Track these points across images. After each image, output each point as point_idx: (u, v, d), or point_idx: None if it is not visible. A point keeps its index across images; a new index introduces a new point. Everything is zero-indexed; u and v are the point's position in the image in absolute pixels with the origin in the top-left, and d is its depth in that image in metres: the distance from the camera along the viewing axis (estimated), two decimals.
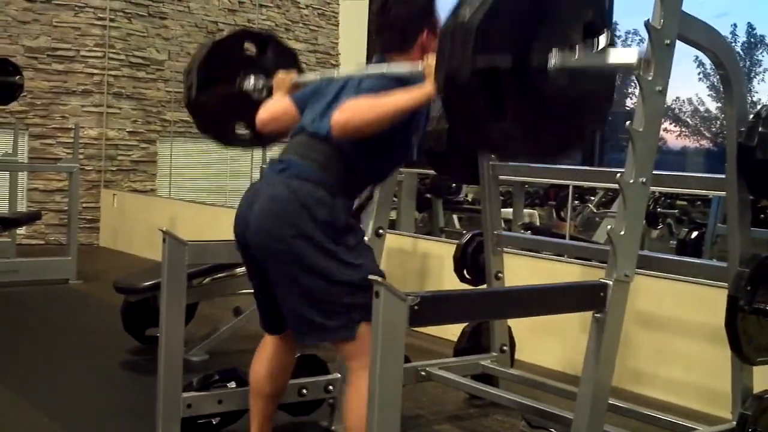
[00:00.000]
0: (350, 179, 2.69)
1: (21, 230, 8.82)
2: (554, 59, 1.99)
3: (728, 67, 2.91)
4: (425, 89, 2.47)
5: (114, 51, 9.32)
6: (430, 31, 2.78)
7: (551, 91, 2.03)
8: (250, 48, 3.56)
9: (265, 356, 2.96)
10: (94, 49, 9.23)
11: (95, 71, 9.25)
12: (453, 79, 1.97)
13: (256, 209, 2.67)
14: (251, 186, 2.79)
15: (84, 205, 8.98)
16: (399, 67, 2.68)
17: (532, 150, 2.18)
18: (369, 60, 2.90)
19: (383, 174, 2.94)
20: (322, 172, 2.63)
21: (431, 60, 2.35)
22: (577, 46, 2.07)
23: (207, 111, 3.51)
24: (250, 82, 3.45)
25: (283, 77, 3.12)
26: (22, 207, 8.95)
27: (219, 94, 3.48)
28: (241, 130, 3.58)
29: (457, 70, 1.96)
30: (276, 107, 3.01)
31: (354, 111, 2.53)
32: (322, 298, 2.60)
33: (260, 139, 3.46)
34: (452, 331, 4.29)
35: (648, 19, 2.59)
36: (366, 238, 2.96)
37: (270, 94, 3.22)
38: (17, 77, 6.96)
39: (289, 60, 3.58)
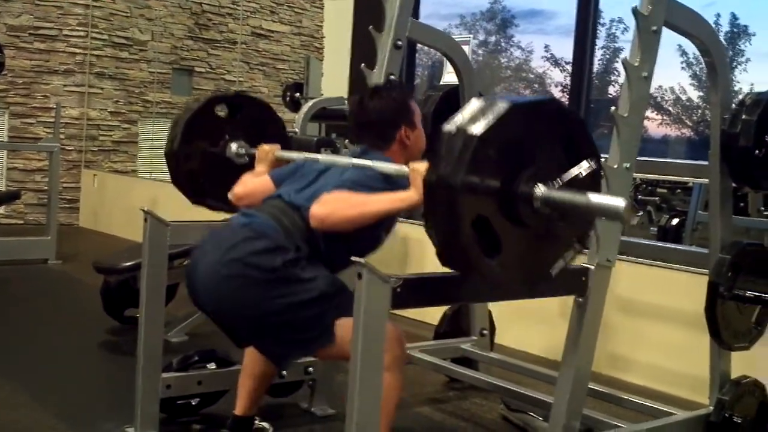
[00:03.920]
0: (311, 258, 2.62)
1: None
2: (540, 190, 1.98)
3: (714, 54, 2.92)
4: (410, 197, 2.41)
5: (97, 31, 9.24)
6: (408, 125, 2.82)
7: (534, 219, 2.03)
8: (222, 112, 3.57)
9: None
10: (77, 28, 9.14)
11: (77, 51, 9.17)
12: (443, 187, 1.96)
13: (204, 267, 2.62)
14: (213, 231, 2.76)
15: (64, 185, 8.91)
16: (384, 165, 2.63)
17: (520, 276, 2.18)
18: (353, 47, 2.89)
19: (346, 263, 2.92)
20: (286, 239, 2.59)
21: (418, 167, 2.34)
22: (560, 181, 2.05)
23: (185, 167, 3.49)
24: (233, 149, 3.45)
25: (266, 150, 3.13)
26: (1, 186, 8.89)
27: (200, 153, 3.47)
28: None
29: (449, 178, 1.95)
30: (253, 183, 3.00)
31: (335, 206, 2.50)
32: (292, 322, 2.57)
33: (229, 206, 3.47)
34: (433, 315, 4.29)
35: (636, 6, 2.60)
36: None
37: (252, 161, 3.24)
38: None
39: (274, 126, 3.60)
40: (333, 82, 8.93)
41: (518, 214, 2.02)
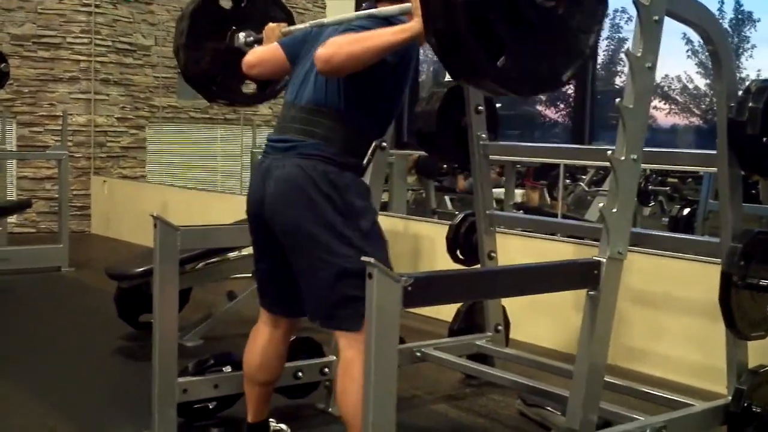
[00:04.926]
0: (354, 142, 2.68)
1: (12, 219, 8.79)
2: None
3: (717, 43, 2.90)
4: (413, 26, 2.41)
5: (100, 37, 9.26)
6: None
7: (540, 15, 1.99)
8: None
9: (259, 345, 2.96)
10: (80, 35, 9.16)
11: (82, 58, 9.19)
12: (441, 10, 1.93)
13: (270, 190, 2.67)
14: (260, 163, 2.77)
15: (74, 192, 8.93)
16: (386, 8, 2.64)
17: (528, 79, 2.13)
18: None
19: (383, 126, 2.88)
20: (328, 145, 2.63)
21: None
22: None
23: (196, 65, 3.46)
24: (240, 38, 3.43)
25: (272, 27, 3.12)
26: (11, 195, 8.92)
27: (209, 48, 3.45)
28: (248, 89, 3.59)
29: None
30: (263, 51, 3.02)
31: (338, 45, 2.50)
32: (336, 285, 2.60)
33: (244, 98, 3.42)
34: (447, 312, 4.29)
35: None
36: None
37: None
38: (3, 65, 6.87)
39: (280, 12, 3.57)
40: None
41: (520, 10, 1.96)
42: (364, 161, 2.73)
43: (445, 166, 9.76)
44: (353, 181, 2.66)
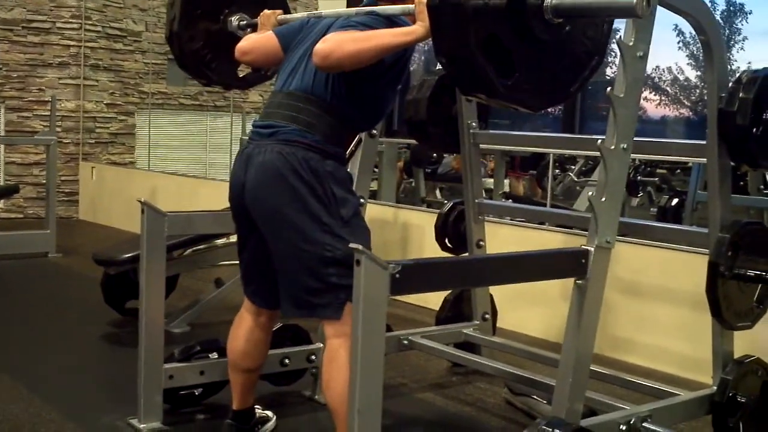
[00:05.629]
0: (338, 132, 2.67)
1: None
2: None
3: (709, 33, 2.90)
4: (415, 30, 2.42)
5: (90, 22, 9.21)
6: None
7: (547, 32, 1.99)
8: None
9: (242, 332, 2.96)
10: (71, 20, 9.11)
11: (72, 43, 9.14)
12: (448, 6, 1.92)
13: (250, 177, 2.66)
14: (242, 150, 2.76)
15: (62, 178, 8.90)
16: (389, 7, 2.63)
17: (539, 94, 2.14)
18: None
19: (370, 121, 2.91)
20: (311, 133, 2.62)
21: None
22: None
23: (189, 49, 3.42)
24: (233, 21, 3.40)
25: (268, 14, 3.10)
26: None
27: (202, 32, 3.42)
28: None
29: (453, 7, 1.91)
30: (257, 38, 3.00)
31: (338, 42, 2.47)
32: (314, 272, 2.59)
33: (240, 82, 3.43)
34: (434, 300, 4.29)
35: None
36: (361, 201, 2.95)
37: (255, 32, 3.19)
38: None
39: None
40: None
41: (530, 27, 1.96)
42: (348, 152, 2.72)
43: (435, 155, 9.73)
44: (335, 169, 2.64)
